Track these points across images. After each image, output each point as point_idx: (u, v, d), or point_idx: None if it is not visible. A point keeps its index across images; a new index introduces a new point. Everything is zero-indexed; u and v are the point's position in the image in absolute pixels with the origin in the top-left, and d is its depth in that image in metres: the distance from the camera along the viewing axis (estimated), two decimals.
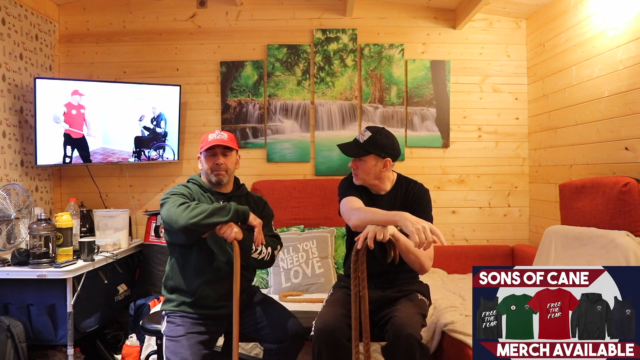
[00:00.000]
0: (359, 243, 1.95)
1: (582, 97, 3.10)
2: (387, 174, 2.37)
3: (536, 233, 3.76)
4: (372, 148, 2.29)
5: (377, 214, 2.05)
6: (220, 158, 2.31)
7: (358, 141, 2.33)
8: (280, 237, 2.45)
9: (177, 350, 2.14)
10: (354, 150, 2.32)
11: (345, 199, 2.31)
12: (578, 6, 3.14)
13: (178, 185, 2.33)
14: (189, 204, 2.12)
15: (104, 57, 3.92)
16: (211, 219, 2.08)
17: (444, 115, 3.89)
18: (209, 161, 2.32)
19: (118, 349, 3.37)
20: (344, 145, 2.37)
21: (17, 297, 2.73)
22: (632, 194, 2.38)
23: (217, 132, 2.35)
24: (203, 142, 2.34)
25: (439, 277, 3.51)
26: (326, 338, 2.10)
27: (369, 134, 2.31)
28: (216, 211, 2.09)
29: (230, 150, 2.35)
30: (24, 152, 3.41)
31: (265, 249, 2.27)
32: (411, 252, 2.12)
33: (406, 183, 2.41)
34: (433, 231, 1.84)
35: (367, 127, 2.36)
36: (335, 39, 3.89)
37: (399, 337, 2.04)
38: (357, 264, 1.97)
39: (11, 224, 2.80)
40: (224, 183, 2.34)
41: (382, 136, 2.31)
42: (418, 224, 1.85)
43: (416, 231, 1.82)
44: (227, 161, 2.33)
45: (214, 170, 2.31)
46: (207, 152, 2.32)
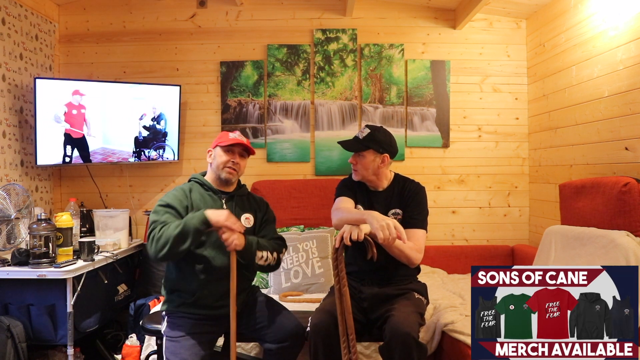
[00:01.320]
0: (336, 242, 2.05)
1: (582, 97, 3.10)
2: (384, 171, 2.44)
3: (536, 233, 3.75)
4: (371, 143, 2.38)
5: (351, 214, 2.17)
6: (237, 157, 2.33)
7: (358, 137, 2.43)
8: (284, 239, 2.45)
9: (177, 350, 2.15)
10: (354, 145, 2.42)
11: (337, 200, 2.43)
12: (578, 6, 3.14)
13: (172, 190, 2.33)
14: (153, 235, 2.11)
15: (104, 57, 3.92)
16: (178, 248, 2.07)
17: (444, 115, 3.89)
18: (225, 156, 2.31)
19: (118, 349, 3.37)
20: (344, 141, 2.47)
21: (17, 297, 2.74)
22: (632, 194, 2.38)
23: (239, 134, 2.37)
24: (222, 138, 2.34)
25: (439, 277, 3.51)
26: (321, 334, 2.14)
27: (368, 130, 2.41)
28: (178, 238, 2.06)
29: (247, 153, 2.38)
30: (24, 152, 3.42)
31: (271, 254, 2.28)
32: (394, 247, 2.19)
33: (403, 181, 2.50)
34: (397, 227, 1.95)
35: (366, 125, 2.46)
36: (335, 39, 3.89)
37: (395, 337, 2.06)
38: (337, 262, 2.05)
39: (11, 224, 2.80)
40: (231, 182, 2.35)
41: (380, 133, 2.42)
42: (383, 221, 1.97)
43: (380, 228, 1.94)
44: (242, 162, 2.36)
45: (228, 167, 2.31)
46: (225, 148, 2.32)
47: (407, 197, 2.41)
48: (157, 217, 2.19)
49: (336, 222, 2.23)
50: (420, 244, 2.30)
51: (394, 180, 2.49)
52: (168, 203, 2.23)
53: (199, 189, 2.34)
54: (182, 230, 2.06)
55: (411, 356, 2.04)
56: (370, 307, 2.34)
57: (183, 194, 2.29)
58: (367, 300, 2.36)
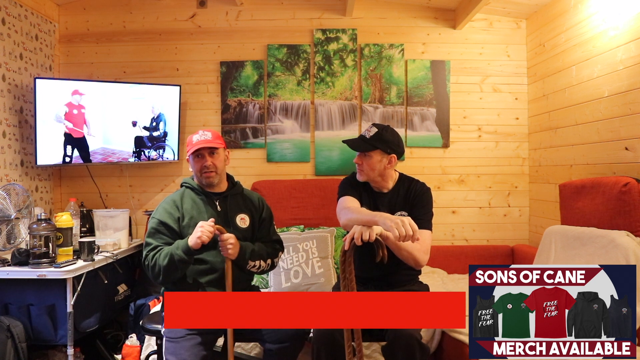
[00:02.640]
0: (345, 244, 1.96)
1: (582, 97, 3.10)
2: (390, 172, 2.38)
3: (536, 233, 3.75)
4: (379, 143, 2.30)
5: (361, 214, 2.05)
6: (208, 159, 2.29)
7: (364, 137, 2.34)
8: (282, 242, 2.44)
9: (176, 350, 2.14)
10: (361, 145, 2.33)
11: (342, 199, 2.33)
12: (578, 6, 3.14)
13: (163, 203, 2.34)
14: (147, 263, 2.19)
15: (104, 57, 3.93)
16: (172, 276, 2.18)
17: (444, 115, 3.88)
18: (196, 164, 2.31)
19: (118, 349, 3.37)
20: (350, 140, 2.38)
21: (17, 297, 2.73)
22: (632, 194, 2.38)
23: (201, 133, 2.32)
24: (188, 145, 2.32)
25: (439, 277, 3.50)
26: (325, 339, 2.12)
27: (375, 129, 2.32)
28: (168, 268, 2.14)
29: (216, 149, 2.32)
30: (24, 152, 3.42)
31: (264, 261, 2.29)
32: (403, 249, 2.13)
33: (408, 181, 2.43)
34: (412, 225, 1.86)
35: (373, 124, 2.37)
36: (335, 39, 3.89)
37: (398, 337, 2.05)
38: (345, 265, 1.97)
39: (11, 224, 2.80)
40: (215, 183, 2.34)
41: (388, 132, 2.33)
42: (397, 219, 1.88)
43: (395, 225, 1.85)
44: (215, 161, 2.30)
45: (203, 172, 2.30)
46: (193, 155, 2.31)
47: (413, 198, 2.36)
48: (148, 239, 2.24)
49: (345, 222, 2.15)
50: (427, 245, 2.24)
51: (399, 180, 2.43)
52: (160, 220, 2.25)
53: (190, 194, 2.34)
54: (169, 262, 2.12)
55: (414, 357, 2.03)
56: None
57: (173, 206, 2.29)
58: None
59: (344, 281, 1.96)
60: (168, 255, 2.12)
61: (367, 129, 2.35)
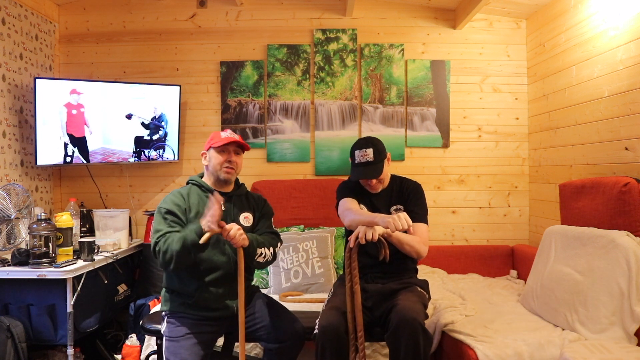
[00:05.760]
0: (350, 242, 2.15)
1: (582, 97, 3.10)
2: (388, 170, 2.56)
3: (536, 233, 3.75)
4: (381, 156, 2.46)
5: (364, 216, 2.24)
6: (233, 156, 2.33)
7: (370, 162, 2.44)
8: (279, 234, 2.45)
9: (177, 350, 2.15)
10: (375, 171, 2.44)
11: (342, 201, 2.50)
12: (578, 6, 3.14)
13: (170, 195, 2.32)
14: (159, 249, 2.14)
15: (104, 57, 3.93)
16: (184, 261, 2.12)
17: (444, 115, 3.89)
18: (221, 157, 2.31)
19: (118, 349, 3.37)
20: (361, 173, 2.45)
21: (17, 297, 2.74)
22: (632, 194, 2.38)
23: (230, 132, 2.37)
24: (214, 139, 2.34)
25: (439, 277, 3.51)
26: (329, 336, 2.16)
27: (370, 149, 2.44)
28: (181, 253, 2.08)
29: (242, 150, 2.39)
30: (24, 152, 3.42)
31: (268, 249, 2.28)
32: (405, 244, 2.33)
33: (399, 180, 2.61)
34: (406, 218, 2.05)
35: (359, 143, 2.48)
36: (335, 39, 3.89)
37: (402, 322, 2.11)
38: (350, 261, 2.16)
39: (11, 224, 2.80)
40: (230, 181, 2.36)
41: (376, 142, 2.49)
42: (393, 216, 2.07)
43: (392, 220, 2.04)
44: (238, 160, 2.36)
45: (226, 167, 2.31)
46: (219, 149, 2.32)
47: (407, 193, 2.53)
48: (158, 226, 2.21)
49: (349, 222, 2.32)
50: (425, 237, 2.43)
51: (392, 179, 2.60)
52: (167, 209, 2.24)
53: (197, 191, 2.34)
54: (182, 245, 2.08)
55: (417, 342, 2.08)
56: (374, 305, 2.38)
57: (180, 198, 2.29)
58: (371, 298, 2.40)
59: (348, 275, 2.16)
60: (181, 239, 2.08)
61: (362, 153, 2.45)
